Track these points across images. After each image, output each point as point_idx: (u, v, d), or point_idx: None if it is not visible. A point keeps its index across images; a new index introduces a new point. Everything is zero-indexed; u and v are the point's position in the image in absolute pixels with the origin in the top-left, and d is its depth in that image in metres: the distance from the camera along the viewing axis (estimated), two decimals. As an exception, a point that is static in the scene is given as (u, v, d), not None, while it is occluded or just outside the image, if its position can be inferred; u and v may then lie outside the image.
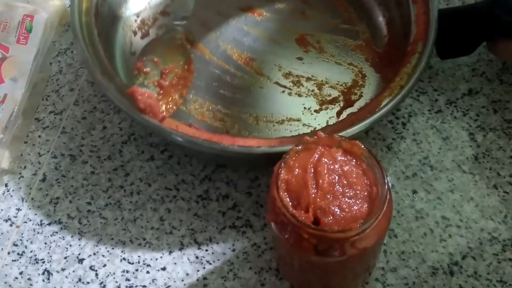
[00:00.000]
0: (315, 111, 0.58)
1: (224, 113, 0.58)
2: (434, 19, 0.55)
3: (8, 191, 0.57)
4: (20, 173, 0.58)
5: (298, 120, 0.57)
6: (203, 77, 0.60)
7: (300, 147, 0.43)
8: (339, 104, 0.59)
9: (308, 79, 0.60)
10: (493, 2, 0.56)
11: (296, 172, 0.42)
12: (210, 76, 0.61)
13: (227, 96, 0.59)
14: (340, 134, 0.48)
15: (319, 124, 0.57)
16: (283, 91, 0.59)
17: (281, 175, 0.42)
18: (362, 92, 0.59)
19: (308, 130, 0.56)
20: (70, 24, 0.57)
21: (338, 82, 0.60)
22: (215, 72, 0.61)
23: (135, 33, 0.63)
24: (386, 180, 0.41)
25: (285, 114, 0.58)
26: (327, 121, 0.57)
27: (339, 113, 0.58)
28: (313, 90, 0.59)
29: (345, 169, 0.42)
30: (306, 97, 0.59)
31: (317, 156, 0.43)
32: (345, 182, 0.42)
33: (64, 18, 0.67)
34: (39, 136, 0.60)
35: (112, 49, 0.60)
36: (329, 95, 0.59)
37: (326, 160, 0.43)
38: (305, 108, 0.58)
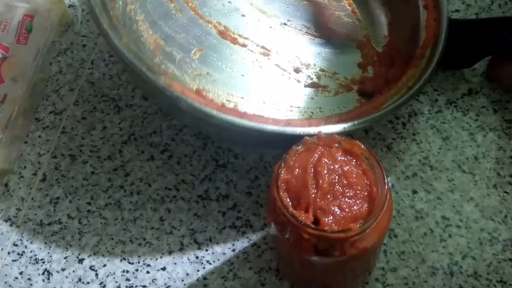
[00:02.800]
0: (311, 98, 0.58)
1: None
2: (445, 26, 0.56)
3: (8, 191, 0.57)
4: (20, 173, 0.58)
5: (298, 106, 0.57)
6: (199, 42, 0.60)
7: (300, 147, 0.43)
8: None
9: (307, 66, 0.60)
10: (500, 20, 0.57)
11: (296, 172, 0.42)
12: (209, 46, 0.60)
13: (223, 68, 0.59)
14: (344, 125, 0.49)
15: (312, 112, 0.57)
16: (283, 75, 0.59)
17: (281, 175, 0.42)
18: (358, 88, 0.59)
19: (303, 117, 0.56)
20: None
21: (337, 74, 0.60)
22: (213, 41, 0.60)
23: None
24: (386, 180, 0.41)
25: (282, 96, 0.58)
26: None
27: None
28: (311, 78, 0.59)
29: (345, 169, 0.42)
30: (304, 84, 0.59)
31: (317, 156, 0.43)
32: (345, 182, 0.42)
33: (64, 18, 0.68)
34: (39, 136, 0.60)
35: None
36: (326, 86, 0.59)
37: (326, 160, 0.43)
38: (303, 94, 0.58)
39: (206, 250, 0.53)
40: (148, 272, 0.52)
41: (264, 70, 0.59)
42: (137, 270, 0.52)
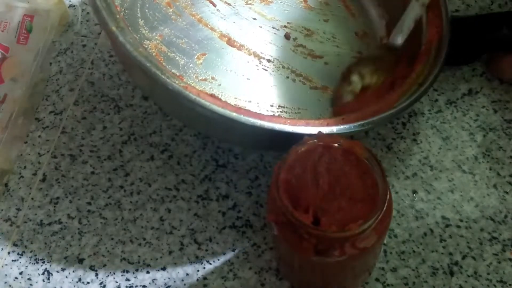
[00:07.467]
0: (318, 100, 0.58)
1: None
2: (448, 23, 0.56)
3: (8, 191, 0.57)
4: (20, 173, 0.58)
5: (306, 109, 0.57)
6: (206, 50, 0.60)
7: (300, 147, 0.43)
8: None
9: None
10: (497, 15, 0.57)
11: (296, 172, 0.42)
12: (215, 51, 0.60)
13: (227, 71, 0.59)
14: (358, 124, 0.49)
15: (320, 114, 0.57)
16: (287, 77, 0.59)
17: (281, 175, 0.42)
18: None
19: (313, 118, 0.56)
20: None
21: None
22: (216, 46, 0.60)
23: None
24: (386, 180, 0.41)
25: (289, 99, 0.58)
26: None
27: None
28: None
29: (345, 169, 0.42)
30: (310, 86, 0.59)
31: (317, 156, 0.43)
32: (345, 182, 0.42)
33: (64, 18, 0.67)
34: (39, 136, 0.60)
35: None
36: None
37: (326, 160, 0.43)
38: (309, 96, 0.58)
39: (206, 250, 0.53)
40: (148, 272, 0.52)
41: (268, 73, 0.59)
42: (137, 270, 0.52)
